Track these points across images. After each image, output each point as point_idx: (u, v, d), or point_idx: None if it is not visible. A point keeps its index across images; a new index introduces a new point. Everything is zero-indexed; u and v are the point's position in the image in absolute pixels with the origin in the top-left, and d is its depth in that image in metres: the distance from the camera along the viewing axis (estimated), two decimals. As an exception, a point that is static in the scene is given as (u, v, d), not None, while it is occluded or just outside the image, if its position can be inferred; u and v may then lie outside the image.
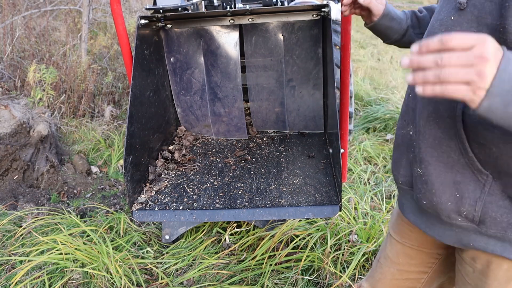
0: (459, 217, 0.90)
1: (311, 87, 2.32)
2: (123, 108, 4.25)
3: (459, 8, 0.84)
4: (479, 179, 0.85)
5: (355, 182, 2.99)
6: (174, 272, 2.17)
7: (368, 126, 4.08)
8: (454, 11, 0.85)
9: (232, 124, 2.38)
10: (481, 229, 0.88)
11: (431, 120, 0.90)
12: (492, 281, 0.92)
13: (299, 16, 2.12)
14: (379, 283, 1.30)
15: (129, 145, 1.69)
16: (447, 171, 0.89)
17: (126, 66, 1.93)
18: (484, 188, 0.85)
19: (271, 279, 2.03)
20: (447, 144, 0.88)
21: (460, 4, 0.83)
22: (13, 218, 2.53)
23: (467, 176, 0.86)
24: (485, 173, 0.84)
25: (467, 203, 0.87)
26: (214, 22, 2.18)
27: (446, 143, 0.88)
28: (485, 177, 0.84)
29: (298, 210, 1.63)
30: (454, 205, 0.89)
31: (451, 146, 0.87)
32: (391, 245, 1.25)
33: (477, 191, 0.86)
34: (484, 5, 0.79)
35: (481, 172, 0.84)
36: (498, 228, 0.85)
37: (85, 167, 3.26)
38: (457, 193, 0.88)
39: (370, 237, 2.23)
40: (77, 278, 2.08)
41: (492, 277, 0.91)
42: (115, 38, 5.44)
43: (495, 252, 0.89)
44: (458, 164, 0.87)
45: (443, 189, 0.90)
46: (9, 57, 4.05)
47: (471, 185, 0.86)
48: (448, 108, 0.86)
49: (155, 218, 1.71)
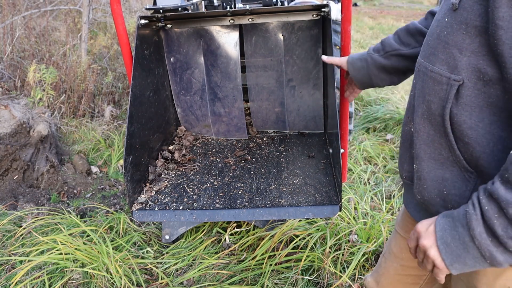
0: None
1: (311, 87, 2.32)
2: (123, 108, 4.25)
3: (452, 9, 0.85)
4: (466, 176, 0.87)
5: (355, 182, 2.99)
6: (174, 272, 2.17)
7: (368, 126, 4.08)
8: (449, 12, 0.86)
9: (232, 124, 2.38)
10: None
11: (425, 118, 0.93)
12: (482, 276, 0.93)
13: (299, 16, 2.12)
14: (382, 277, 1.31)
15: (129, 145, 1.69)
16: (438, 167, 0.92)
17: (126, 66, 1.93)
18: (469, 186, 0.87)
19: (271, 279, 2.03)
20: (438, 142, 0.90)
21: (453, 5, 0.84)
22: (13, 218, 2.53)
23: (455, 173, 0.89)
24: (470, 171, 0.86)
25: (453, 200, 0.90)
26: (214, 22, 2.18)
27: (438, 140, 0.90)
28: (470, 174, 0.86)
29: (298, 210, 1.63)
30: (442, 201, 0.92)
31: (442, 143, 0.90)
32: (396, 240, 1.27)
33: (462, 188, 0.88)
34: (474, 8, 0.79)
35: (467, 170, 0.87)
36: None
37: (85, 167, 3.26)
38: (444, 189, 0.91)
39: (370, 237, 2.23)
40: (77, 278, 2.08)
41: (481, 272, 0.93)
42: (115, 38, 5.44)
43: None
44: (448, 161, 0.90)
45: (433, 185, 0.93)
46: (9, 57, 4.05)
47: (458, 182, 0.89)
48: (438, 107, 0.88)
49: (155, 218, 1.71)
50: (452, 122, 0.86)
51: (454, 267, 0.78)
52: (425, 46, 0.97)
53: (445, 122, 0.87)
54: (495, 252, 0.73)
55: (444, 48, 0.87)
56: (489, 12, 0.74)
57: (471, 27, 0.80)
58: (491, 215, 0.72)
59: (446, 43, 0.86)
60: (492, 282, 0.92)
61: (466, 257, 0.76)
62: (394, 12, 13.83)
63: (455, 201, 0.89)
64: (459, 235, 0.77)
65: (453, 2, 0.84)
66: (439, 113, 0.88)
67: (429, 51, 0.92)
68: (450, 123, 0.86)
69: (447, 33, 0.86)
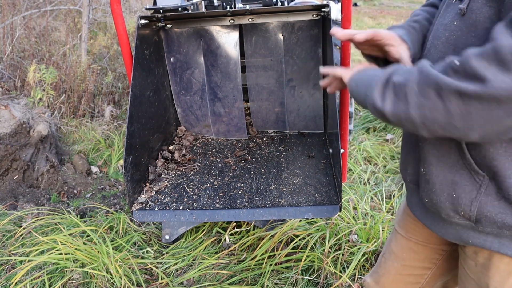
0: (457, 215, 0.91)
1: (311, 87, 2.32)
2: (123, 108, 4.25)
3: (461, 14, 0.85)
4: (476, 180, 0.86)
5: (355, 182, 2.99)
6: (174, 272, 2.17)
7: (368, 126, 4.08)
8: (457, 16, 0.87)
9: (232, 124, 2.38)
10: (478, 227, 0.90)
11: None
12: (494, 274, 0.93)
13: (299, 16, 2.12)
14: (382, 278, 1.31)
15: (129, 145, 1.69)
16: (447, 171, 0.91)
17: (126, 66, 1.93)
18: (480, 189, 0.86)
19: (271, 279, 2.04)
20: (447, 145, 0.90)
21: (461, 10, 0.84)
22: (13, 218, 2.53)
23: (465, 176, 0.88)
24: (481, 174, 0.85)
25: (463, 203, 0.89)
26: (214, 22, 2.18)
27: (447, 143, 0.89)
28: (481, 178, 0.86)
29: (298, 210, 1.63)
30: (452, 205, 0.91)
31: (451, 146, 0.89)
32: (396, 240, 1.26)
33: (473, 191, 0.87)
34: (482, 10, 0.79)
35: (477, 173, 0.86)
36: (494, 227, 0.87)
37: (85, 167, 3.26)
38: (454, 193, 0.90)
39: (370, 237, 2.23)
40: (77, 278, 2.08)
41: (493, 270, 0.93)
42: (115, 38, 5.44)
43: (493, 249, 0.90)
44: (457, 164, 0.89)
45: (442, 189, 0.92)
46: (9, 57, 4.05)
47: (468, 185, 0.88)
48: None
49: (155, 218, 1.71)
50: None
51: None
52: (431, 50, 0.96)
53: None
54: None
55: (454, 51, 0.86)
56: (502, 12, 0.74)
57: (480, 29, 0.80)
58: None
59: (456, 47, 0.86)
60: (505, 279, 0.91)
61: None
62: (394, 12, 13.82)
63: (465, 205, 0.88)
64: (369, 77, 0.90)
65: (461, 7, 0.84)
66: None
67: (438, 55, 0.92)
68: None
69: (457, 36, 0.86)
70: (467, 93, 0.67)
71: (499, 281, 0.92)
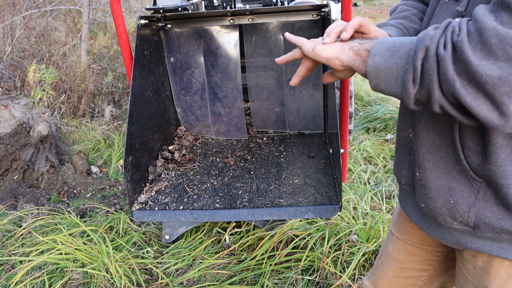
0: (455, 221, 0.90)
1: (311, 87, 2.32)
2: (123, 108, 4.25)
3: (458, 17, 0.83)
4: (474, 186, 0.85)
5: (355, 182, 2.99)
6: (174, 272, 2.17)
7: (368, 126, 4.08)
8: (454, 17, 0.85)
9: (232, 124, 2.38)
10: (477, 233, 0.89)
11: (430, 126, 0.90)
12: (494, 277, 0.92)
13: (299, 16, 2.12)
14: (380, 280, 1.30)
15: (129, 145, 1.69)
16: (444, 176, 0.89)
17: (126, 66, 1.93)
18: (478, 195, 0.85)
19: (271, 279, 2.04)
20: (444, 150, 0.88)
21: (459, 12, 0.83)
22: (13, 218, 2.53)
23: (462, 182, 0.87)
24: (479, 180, 0.84)
25: (460, 209, 0.88)
26: (214, 22, 2.18)
27: (444, 149, 0.88)
28: (479, 184, 0.85)
29: (298, 210, 1.63)
30: (449, 211, 0.90)
31: (448, 152, 0.87)
32: (392, 242, 1.26)
33: (471, 197, 0.86)
34: None
35: (475, 179, 0.85)
36: (493, 232, 0.86)
37: (85, 167, 3.26)
38: (451, 199, 0.89)
39: (370, 237, 2.23)
40: (77, 278, 2.08)
41: (493, 273, 0.92)
42: (115, 38, 5.44)
43: (492, 253, 0.89)
44: (454, 170, 0.87)
45: (439, 194, 0.91)
46: (9, 57, 4.05)
47: (465, 191, 0.86)
48: (446, 115, 0.86)
49: (155, 218, 1.71)
50: (461, 131, 0.83)
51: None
52: None
53: (453, 131, 0.84)
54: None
55: None
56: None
57: None
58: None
59: None
60: (505, 283, 0.91)
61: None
62: (394, 12, 13.80)
63: (463, 211, 0.87)
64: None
65: (459, 10, 0.83)
66: (447, 122, 0.85)
67: None
68: (459, 132, 0.83)
69: None
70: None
71: (499, 284, 0.92)
